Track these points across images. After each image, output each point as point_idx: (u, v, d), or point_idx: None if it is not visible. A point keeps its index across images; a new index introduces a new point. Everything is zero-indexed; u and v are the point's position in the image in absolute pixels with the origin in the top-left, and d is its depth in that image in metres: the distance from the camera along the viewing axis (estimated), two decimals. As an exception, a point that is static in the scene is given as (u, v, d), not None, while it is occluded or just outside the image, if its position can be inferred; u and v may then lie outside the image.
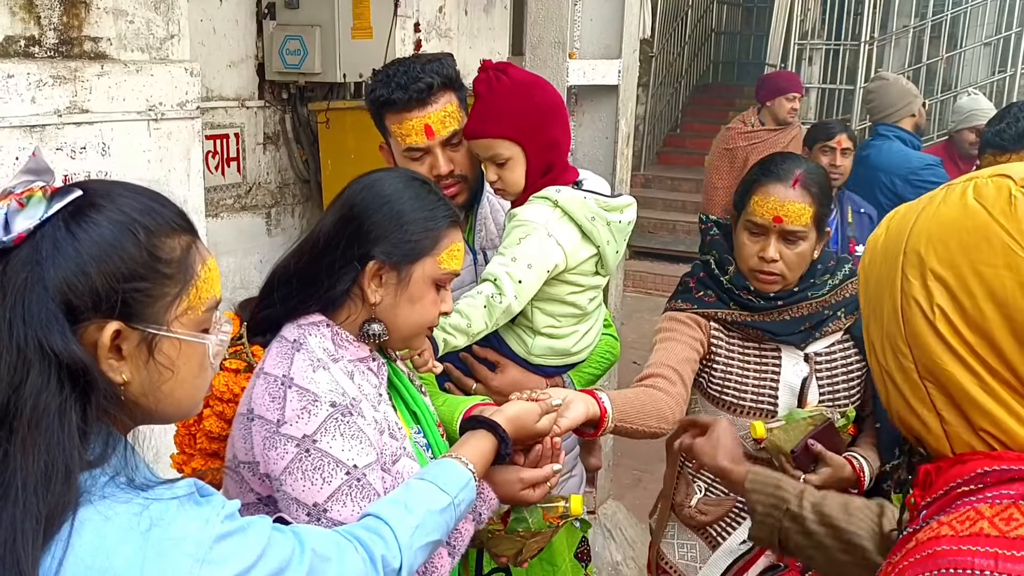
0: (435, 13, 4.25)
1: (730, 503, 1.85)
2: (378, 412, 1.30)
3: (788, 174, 1.75)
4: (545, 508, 1.44)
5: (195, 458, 1.46)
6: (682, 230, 8.64)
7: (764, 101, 4.50)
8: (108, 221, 0.88)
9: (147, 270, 0.89)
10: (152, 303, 0.89)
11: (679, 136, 10.41)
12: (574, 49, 3.02)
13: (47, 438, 0.81)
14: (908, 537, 0.76)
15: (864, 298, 0.88)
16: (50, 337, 0.83)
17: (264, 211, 3.62)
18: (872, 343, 0.86)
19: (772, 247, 1.75)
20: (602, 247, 1.70)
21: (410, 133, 1.69)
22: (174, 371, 0.92)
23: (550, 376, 1.79)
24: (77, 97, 2.20)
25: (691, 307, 1.86)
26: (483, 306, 1.61)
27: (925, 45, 8.43)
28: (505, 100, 1.64)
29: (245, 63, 3.47)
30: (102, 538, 0.81)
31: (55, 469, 0.81)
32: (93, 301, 0.86)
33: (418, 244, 1.32)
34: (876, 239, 0.88)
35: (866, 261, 0.89)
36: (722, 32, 11.55)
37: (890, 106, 3.71)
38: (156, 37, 2.39)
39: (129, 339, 0.88)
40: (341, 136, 3.48)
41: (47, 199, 0.86)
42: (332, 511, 1.17)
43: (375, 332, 1.33)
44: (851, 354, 1.83)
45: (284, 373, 1.24)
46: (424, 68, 1.68)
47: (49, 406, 0.82)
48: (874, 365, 0.86)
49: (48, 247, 0.85)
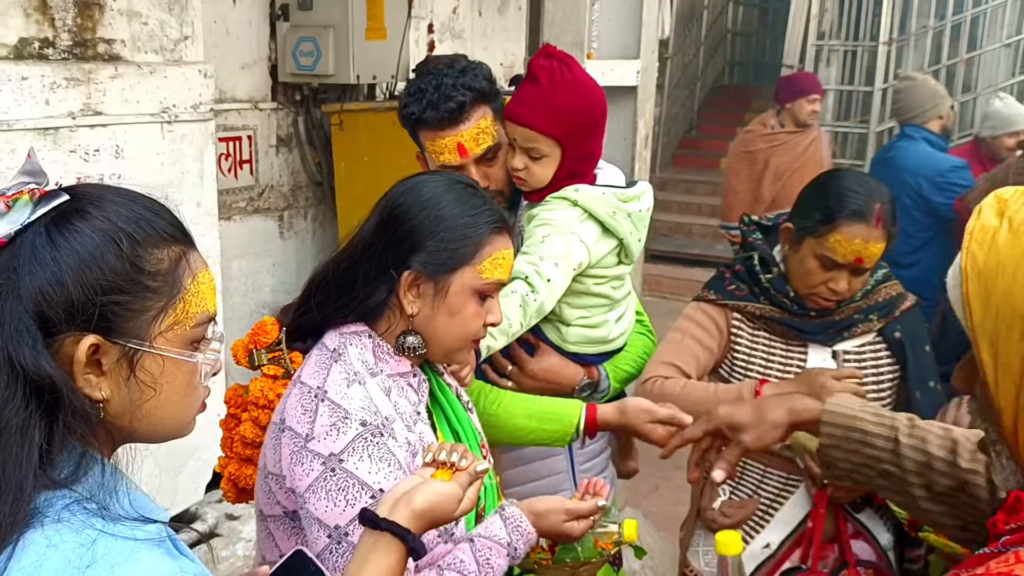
0: (449, 14, 4.22)
1: (753, 505, 1.84)
2: (412, 432, 1.23)
3: (871, 212, 1.69)
4: (596, 535, 1.34)
5: (232, 462, 1.45)
6: (698, 233, 8.57)
7: (784, 103, 4.44)
8: (92, 229, 0.83)
9: (128, 282, 0.84)
10: (133, 317, 0.84)
11: (694, 138, 10.34)
12: (592, 50, 2.98)
13: (3, 455, 0.77)
14: (981, 558, 0.71)
15: (981, 313, 0.79)
16: (19, 350, 0.78)
17: (277, 214, 3.60)
18: (996, 369, 0.78)
19: (844, 281, 1.73)
20: (625, 239, 1.68)
21: (443, 151, 1.67)
22: (156, 389, 0.86)
23: (587, 364, 1.76)
24: (91, 99, 2.18)
25: (719, 297, 1.86)
26: (519, 305, 1.57)
27: (944, 46, 8.32)
28: (563, 98, 1.60)
29: (258, 65, 3.45)
30: (38, 566, 0.75)
31: (7, 488, 0.76)
32: (68, 313, 0.81)
33: (456, 252, 1.25)
34: (990, 239, 0.77)
35: (980, 264, 0.79)
36: (738, 33, 11.47)
37: (918, 107, 3.65)
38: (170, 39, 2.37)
39: (109, 354, 0.83)
40: (354, 138, 3.45)
41: (33, 203, 0.82)
42: (353, 535, 1.12)
43: (411, 345, 1.26)
44: (883, 356, 1.83)
45: (319, 385, 1.20)
46: (456, 84, 1.64)
47: (11, 422, 0.77)
48: (1000, 391, 0.78)
49: (26, 254, 0.81)
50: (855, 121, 8.64)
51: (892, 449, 1.15)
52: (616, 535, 1.36)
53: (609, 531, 1.36)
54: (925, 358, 1.84)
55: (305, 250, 3.70)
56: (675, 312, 2.08)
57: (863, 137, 8.28)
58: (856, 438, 1.18)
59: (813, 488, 1.78)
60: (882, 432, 1.17)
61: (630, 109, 3.11)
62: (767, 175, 4.38)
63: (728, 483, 1.88)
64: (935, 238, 3.47)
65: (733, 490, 1.88)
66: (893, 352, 1.83)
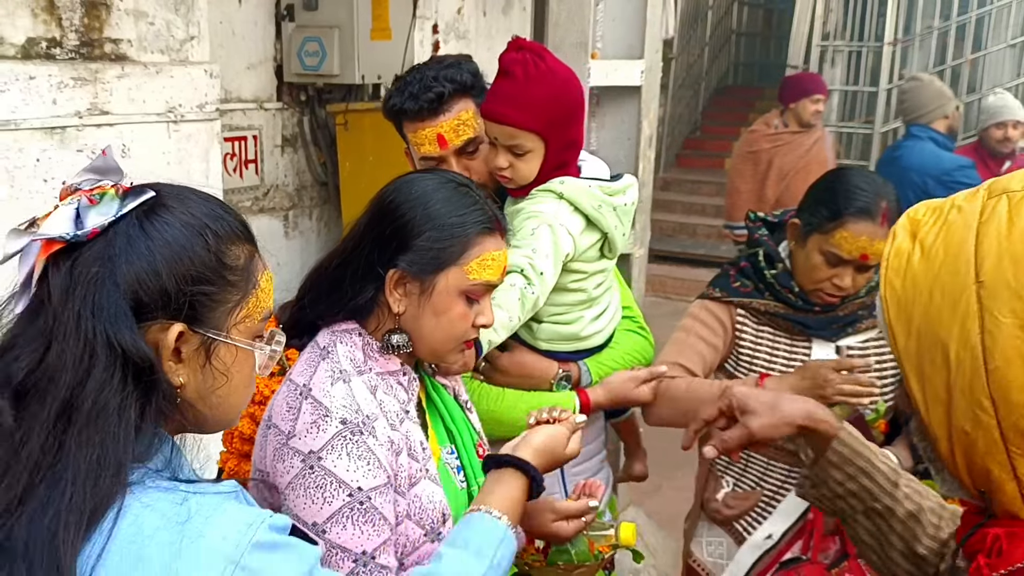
0: (453, 14, 4.23)
1: (756, 497, 1.87)
2: (398, 431, 1.22)
3: (877, 210, 1.70)
4: (592, 537, 1.31)
5: (232, 458, 1.47)
6: (702, 233, 8.56)
7: (788, 103, 4.44)
8: (180, 223, 0.88)
9: (214, 275, 0.90)
10: (215, 308, 0.90)
11: (698, 138, 10.33)
12: (596, 50, 2.98)
13: (103, 433, 0.81)
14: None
15: (904, 340, 0.74)
16: (119, 332, 0.83)
17: (282, 213, 3.61)
18: (925, 396, 0.73)
19: (848, 277, 1.74)
20: (610, 232, 1.67)
21: (423, 143, 1.66)
22: (228, 377, 0.92)
23: (563, 361, 1.75)
24: (98, 99, 2.19)
25: (724, 294, 1.88)
26: (518, 299, 1.56)
27: (949, 46, 8.30)
28: (541, 90, 1.57)
29: (264, 65, 3.47)
30: (139, 526, 0.80)
31: (107, 464, 0.81)
32: (162, 301, 0.86)
33: (443, 252, 1.23)
34: (904, 264, 0.73)
35: (898, 291, 0.74)
36: (742, 33, 11.45)
37: (923, 107, 3.66)
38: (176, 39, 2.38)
39: (190, 342, 0.89)
40: (359, 138, 3.46)
41: (119, 197, 0.87)
42: (331, 532, 1.12)
43: (396, 343, 1.26)
44: (886, 352, 1.84)
45: (304, 383, 1.20)
46: (438, 76, 1.64)
47: (110, 402, 0.82)
48: (931, 418, 0.73)
49: (122, 243, 0.85)
50: (859, 122, 8.62)
51: (891, 491, 1.13)
52: (612, 538, 1.33)
53: (606, 534, 1.33)
54: None
55: (310, 249, 3.71)
56: (679, 313, 2.09)
57: (867, 138, 8.27)
58: (861, 465, 1.15)
59: (815, 480, 1.80)
60: (887, 472, 1.15)
61: (634, 109, 3.11)
62: (771, 175, 4.38)
63: (731, 475, 1.91)
64: (940, 238, 3.47)
65: (736, 482, 1.90)
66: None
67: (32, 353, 0.83)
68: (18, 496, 0.79)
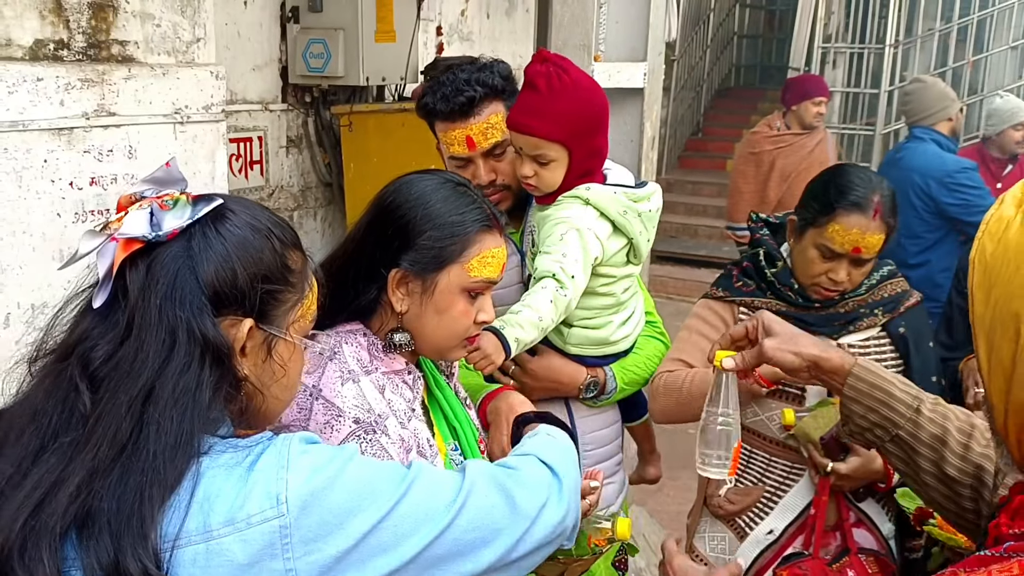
0: (457, 16, 4.24)
1: (758, 492, 1.87)
2: (407, 429, 1.24)
3: (869, 203, 1.73)
4: (589, 531, 1.34)
5: None
6: (704, 234, 8.57)
7: (790, 105, 4.45)
8: (249, 228, 0.96)
9: (279, 275, 0.97)
10: (278, 307, 0.98)
11: (700, 140, 10.34)
12: (599, 52, 3.00)
13: (182, 415, 0.87)
14: (983, 560, 0.69)
15: (982, 309, 0.77)
16: (202, 321, 0.90)
17: (287, 214, 3.62)
18: (990, 364, 0.76)
19: (843, 271, 1.77)
20: (635, 238, 1.70)
21: (453, 143, 1.71)
22: (285, 372, 0.99)
23: (591, 367, 1.78)
24: (105, 100, 2.20)
25: (727, 294, 1.91)
26: (551, 300, 1.57)
27: (951, 48, 8.31)
28: (564, 102, 1.60)
29: (269, 66, 3.48)
30: (212, 483, 0.87)
31: (184, 439, 0.87)
32: (237, 296, 0.93)
33: (443, 251, 1.25)
34: (1002, 230, 0.75)
35: (987, 256, 0.76)
36: (744, 35, 11.47)
37: (927, 109, 3.66)
38: (182, 41, 2.40)
39: (255, 338, 0.95)
40: (363, 139, 3.48)
41: (191, 203, 0.94)
42: None
43: (399, 341, 1.27)
44: (886, 351, 1.86)
45: (314, 384, 1.21)
46: (470, 80, 1.67)
47: (189, 385, 0.89)
48: (992, 387, 0.77)
49: (199, 243, 0.92)
50: (861, 123, 8.63)
51: (912, 417, 1.15)
52: (609, 532, 1.36)
53: (602, 527, 1.36)
54: (928, 354, 1.87)
55: (314, 250, 3.72)
56: (681, 313, 2.11)
57: (869, 139, 8.28)
58: (879, 396, 1.18)
59: (816, 477, 1.81)
60: (906, 399, 1.17)
61: (637, 111, 3.12)
62: (773, 176, 4.39)
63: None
64: (944, 239, 3.48)
65: (739, 478, 1.91)
66: (896, 347, 1.86)
67: (108, 344, 0.89)
68: (101, 470, 0.85)
